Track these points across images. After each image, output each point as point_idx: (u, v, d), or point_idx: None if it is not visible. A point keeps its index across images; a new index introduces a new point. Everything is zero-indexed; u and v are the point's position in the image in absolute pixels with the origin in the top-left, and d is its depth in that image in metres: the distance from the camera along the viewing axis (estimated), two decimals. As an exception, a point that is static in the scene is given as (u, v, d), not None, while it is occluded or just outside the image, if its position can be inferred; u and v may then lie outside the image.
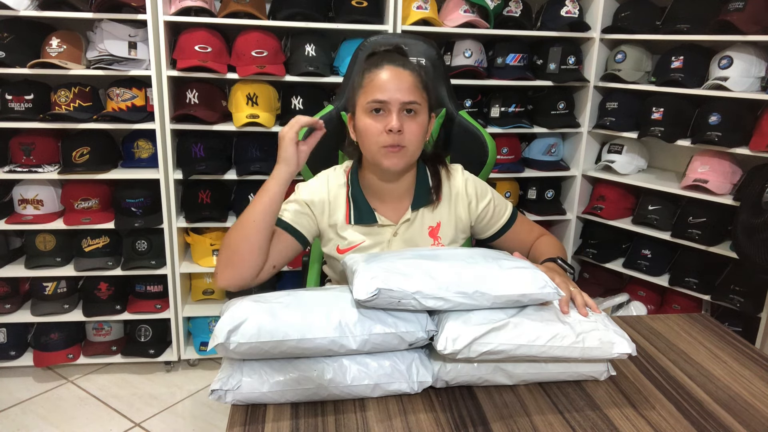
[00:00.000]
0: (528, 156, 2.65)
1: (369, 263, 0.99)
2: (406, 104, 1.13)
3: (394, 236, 1.23)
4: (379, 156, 1.15)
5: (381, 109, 1.14)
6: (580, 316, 1.01)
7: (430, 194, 1.24)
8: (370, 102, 1.13)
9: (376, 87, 1.13)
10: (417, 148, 1.17)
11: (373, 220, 1.22)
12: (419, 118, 1.16)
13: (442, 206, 1.26)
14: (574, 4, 2.40)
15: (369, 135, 1.15)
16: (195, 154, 2.26)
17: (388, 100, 1.12)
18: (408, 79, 1.15)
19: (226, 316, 0.92)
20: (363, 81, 1.17)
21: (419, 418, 0.92)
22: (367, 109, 1.15)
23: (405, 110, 1.14)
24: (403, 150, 1.14)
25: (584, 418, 0.93)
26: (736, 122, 2.12)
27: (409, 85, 1.14)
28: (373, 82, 1.14)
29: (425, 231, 1.25)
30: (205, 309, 2.47)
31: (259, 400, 0.94)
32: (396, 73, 1.14)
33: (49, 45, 2.11)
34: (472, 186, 1.28)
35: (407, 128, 1.13)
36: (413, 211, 1.23)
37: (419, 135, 1.16)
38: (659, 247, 2.43)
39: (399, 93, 1.12)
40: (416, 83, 1.16)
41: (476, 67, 2.37)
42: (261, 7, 2.21)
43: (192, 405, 2.25)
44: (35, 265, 2.27)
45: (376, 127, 1.14)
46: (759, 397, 1.02)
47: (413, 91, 1.14)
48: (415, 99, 1.14)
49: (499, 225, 1.31)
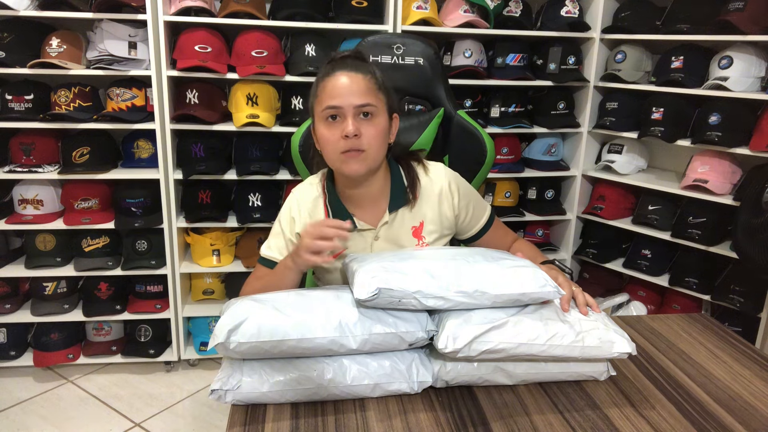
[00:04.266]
0: (528, 156, 2.65)
1: (369, 263, 0.99)
2: (360, 107, 1.11)
3: (375, 240, 1.22)
4: (339, 163, 1.13)
5: (336, 116, 1.12)
6: (580, 316, 1.01)
7: (406, 194, 1.23)
8: (325, 109, 1.12)
9: (329, 94, 1.12)
10: (377, 151, 1.15)
11: (352, 226, 1.21)
12: (376, 120, 1.14)
13: (426, 205, 1.24)
14: (574, 4, 2.40)
15: (327, 143, 1.14)
16: (195, 154, 2.26)
17: (341, 105, 1.11)
18: (360, 82, 1.13)
19: (226, 316, 0.92)
20: (317, 90, 1.16)
21: (419, 418, 0.92)
22: (323, 117, 1.14)
23: (361, 114, 1.12)
24: (363, 154, 1.12)
25: (584, 418, 0.93)
26: (736, 122, 2.12)
27: (361, 88, 1.12)
28: (326, 90, 1.13)
29: (408, 231, 1.23)
30: (205, 309, 2.47)
31: (259, 400, 0.94)
32: (347, 77, 1.13)
33: (49, 45, 2.11)
34: (455, 184, 1.26)
35: (365, 131, 1.12)
36: (391, 213, 1.22)
37: (378, 137, 1.14)
38: (659, 247, 2.43)
39: (352, 97, 1.11)
40: (370, 86, 1.14)
41: (476, 67, 2.37)
42: (261, 7, 2.21)
43: (192, 405, 2.25)
44: (35, 265, 2.27)
45: (333, 134, 1.12)
46: (759, 397, 1.02)
47: (367, 93, 1.13)
48: (370, 101, 1.12)
49: (479, 226, 1.31)
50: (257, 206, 2.34)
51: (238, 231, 2.45)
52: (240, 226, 2.35)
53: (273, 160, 2.35)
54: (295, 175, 2.29)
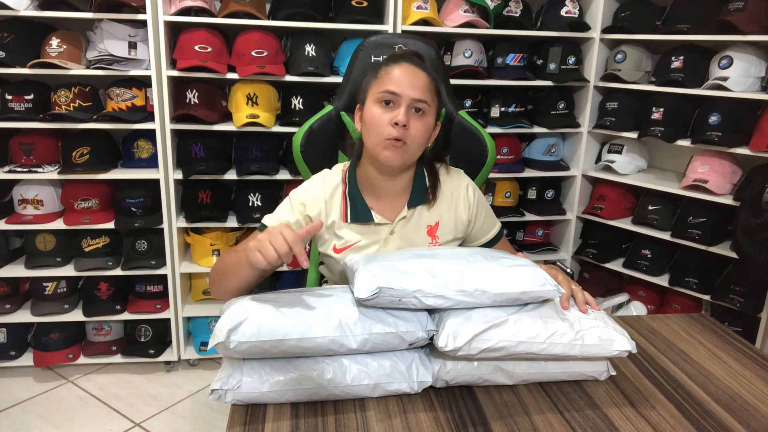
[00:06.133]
0: (528, 156, 2.65)
1: (369, 262, 0.99)
2: (416, 101, 1.15)
3: (390, 234, 1.23)
4: (380, 148, 1.15)
5: (391, 102, 1.15)
6: (579, 314, 1.01)
7: (427, 193, 1.25)
8: (383, 92, 1.15)
9: (391, 79, 1.15)
10: (418, 147, 1.18)
11: (370, 218, 1.22)
12: (426, 118, 1.17)
13: (442, 206, 1.27)
14: (574, 4, 2.40)
15: (375, 125, 1.16)
16: (195, 154, 2.26)
17: (400, 93, 1.14)
18: (422, 78, 1.17)
19: (226, 315, 0.92)
20: (379, 72, 1.19)
21: (419, 417, 0.92)
22: (378, 99, 1.16)
23: (414, 108, 1.15)
24: (404, 147, 1.15)
25: (584, 418, 0.93)
26: (736, 122, 2.12)
27: (422, 84, 1.16)
28: (389, 74, 1.16)
29: (423, 230, 1.25)
30: (205, 309, 2.47)
31: (259, 400, 0.93)
32: (412, 70, 1.17)
33: (49, 45, 2.11)
34: (472, 190, 1.30)
35: (413, 125, 1.15)
36: (409, 209, 1.24)
37: (423, 135, 1.17)
38: (659, 247, 2.43)
39: (411, 89, 1.14)
40: (429, 85, 1.18)
41: (476, 67, 2.37)
42: (261, 7, 2.21)
43: (192, 405, 2.25)
44: (35, 265, 2.27)
45: (384, 117, 1.15)
46: (759, 397, 1.02)
47: (425, 91, 1.16)
48: (426, 99, 1.16)
49: (486, 238, 1.33)
50: (257, 206, 2.34)
51: (238, 231, 2.45)
52: (240, 226, 2.35)
53: (273, 160, 2.35)
54: (296, 175, 2.29)
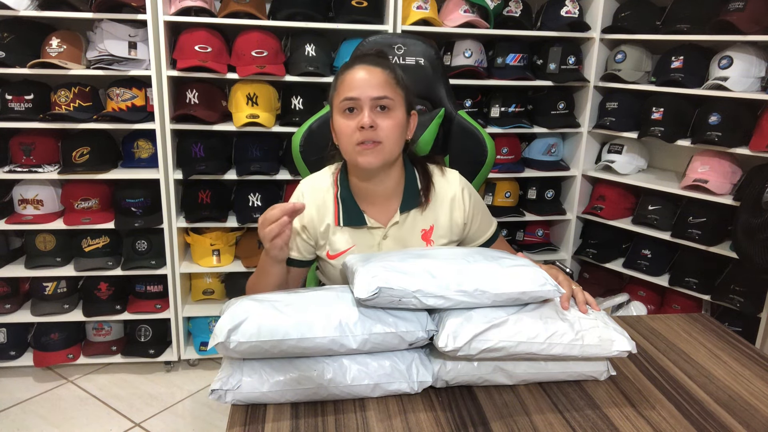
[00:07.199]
0: (528, 156, 2.65)
1: (369, 263, 0.99)
2: (377, 99, 1.12)
3: (384, 239, 1.22)
4: (355, 155, 1.14)
5: (354, 108, 1.13)
6: (579, 314, 1.01)
7: (419, 196, 1.23)
8: (343, 101, 1.14)
9: (348, 86, 1.14)
10: (394, 144, 1.15)
11: (362, 222, 1.21)
12: (393, 113, 1.15)
13: (437, 209, 1.25)
14: (574, 4, 2.40)
15: (343, 134, 1.15)
16: (195, 154, 2.26)
17: (358, 96, 1.12)
18: (379, 75, 1.14)
19: (226, 315, 0.92)
20: (337, 83, 1.18)
21: (419, 417, 0.92)
22: (340, 109, 1.15)
23: (378, 107, 1.13)
24: (379, 146, 1.13)
25: (584, 418, 0.93)
26: (736, 122, 2.12)
27: (379, 81, 1.13)
28: (345, 82, 1.15)
29: (417, 234, 1.23)
30: (205, 309, 2.47)
31: (259, 400, 0.93)
32: (366, 70, 1.14)
33: (49, 45, 2.11)
34: (468, 192, 1.27)
35: (381, 124, 1.12)
36: (402, 214, 1.22)
37: (395, 130, 1.15)
38: (659, 247, 2.43)
39: (369, 89, 1.12)
40: (388, 80, 1.15)
41: (476, 67, 2.37)
42: (261, 7, 2.21)
43: (192, 405, 2.25)
44: (35, 265, 2.27)
45: (349, 125, 1.13)
46: (759, 397, 1.02)
47: (384, 86, 1.14)
48: (387, 94, 1.13)
49: (485, 237, 1.32)
50: (257, 206, 2.34)
51: (238, 231, 2.45)
52: (240, 226, 2.35)
53: (273, 160, 2.35)
54: (295, 175, 2.29)
